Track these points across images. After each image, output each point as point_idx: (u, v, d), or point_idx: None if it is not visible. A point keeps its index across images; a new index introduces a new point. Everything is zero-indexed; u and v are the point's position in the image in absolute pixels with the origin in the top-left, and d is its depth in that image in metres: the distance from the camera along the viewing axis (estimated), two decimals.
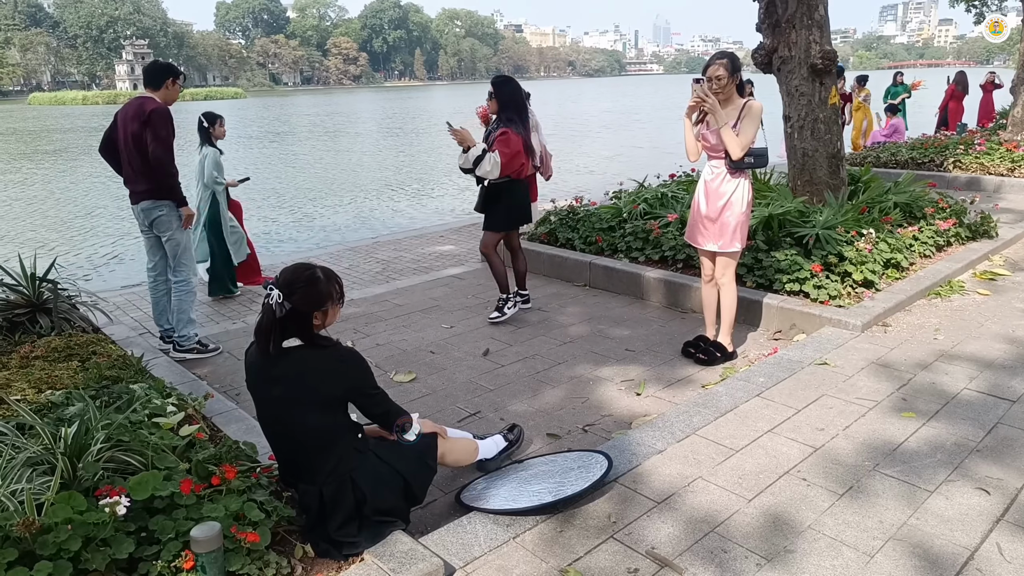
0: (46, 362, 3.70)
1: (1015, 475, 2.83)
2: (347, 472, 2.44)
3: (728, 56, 3.96)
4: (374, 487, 2.46)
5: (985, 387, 3.62)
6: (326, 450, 2.43)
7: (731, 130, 3.86)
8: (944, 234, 5.88)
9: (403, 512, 2.57)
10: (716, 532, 2.54)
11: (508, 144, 4.78)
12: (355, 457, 2.48)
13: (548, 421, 3.67)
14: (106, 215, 13.73)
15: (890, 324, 4.53)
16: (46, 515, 2.13)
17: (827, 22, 5.91)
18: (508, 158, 4.78)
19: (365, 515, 2.43)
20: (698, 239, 4.21)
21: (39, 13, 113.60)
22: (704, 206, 4.10)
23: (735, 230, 4.04)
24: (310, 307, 2.40)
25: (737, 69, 3.92)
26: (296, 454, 2.50)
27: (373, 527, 2.45)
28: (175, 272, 4.65)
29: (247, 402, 3.98)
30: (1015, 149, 9.84)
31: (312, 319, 2.42)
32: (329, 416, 2.44)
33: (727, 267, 4.15)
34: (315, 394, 2.39)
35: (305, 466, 2.46)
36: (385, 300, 5.85)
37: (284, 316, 2.34)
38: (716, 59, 3.97)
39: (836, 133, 6.03)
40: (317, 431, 2.42)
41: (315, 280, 2.42)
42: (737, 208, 4.01)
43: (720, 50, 4.22)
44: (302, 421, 2.41)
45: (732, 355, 4.30)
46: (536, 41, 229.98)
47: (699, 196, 4.15)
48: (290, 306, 2.34)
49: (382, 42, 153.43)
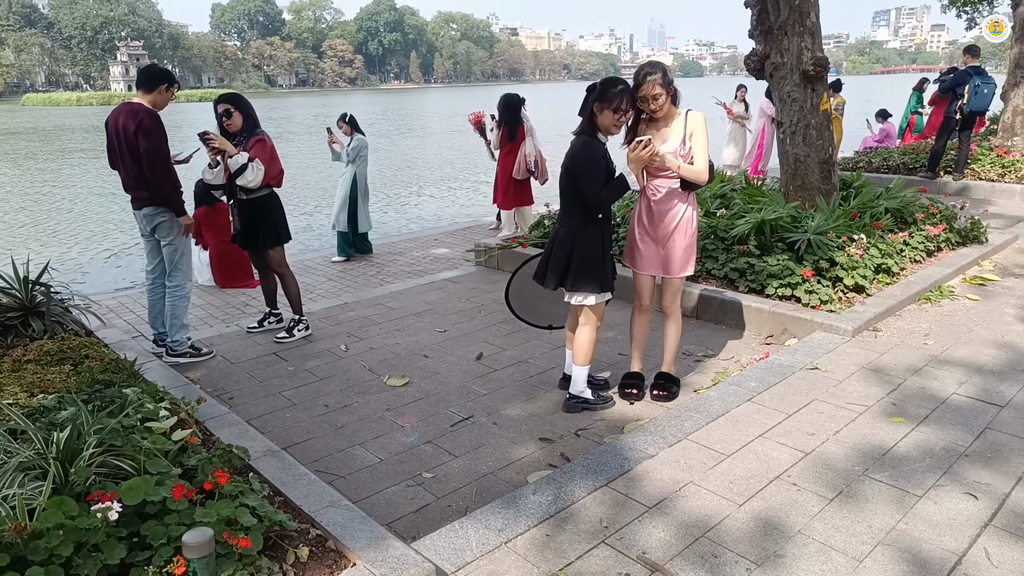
0: (38, 366, 3.69)
1: (1003, 480, 2.85)
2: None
3: (660, 68, 3.50)
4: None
5: (974, 392, 3.65)
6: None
7: (686, 165, 3.50)
8: (934, 239, 5.93)
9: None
10: (707, 537, 2.56)
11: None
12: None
13: (541, 425, 3.68)
14: (100, 217, 13.69)
15: (881, 329, 4.56)
16: (38, 520, 2.12)
17: (818, 29, 5.95)
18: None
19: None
20: (640, 263, 3.81)
21: (33, 14, 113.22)
22: (649, 228, 3.73)
23: (687, 252, 3.72)
24: None
25: (671, 81, 3.48)
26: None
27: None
28: (170, 277, 4.65)
29: (240, 406, 4.00)
30: (1005, 155, 9.91)
31: None
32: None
33: (677, 294, 3.81)
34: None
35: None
36: (379, 303, 5.85)
37: None
38: (647, 75, 3.44)
39: (828, 139, 6.06)
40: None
41: None
42: (688, 230, 3.69)
43: (649, 60, 3.71)
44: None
45: (679, 381, 4.00)
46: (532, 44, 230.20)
47: (642, 217, 3.75)
48: None
49: (378, 44, 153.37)
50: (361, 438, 3.62)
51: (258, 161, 4.72)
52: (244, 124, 4.84)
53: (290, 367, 4.59)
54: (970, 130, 9.67)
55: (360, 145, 7.50)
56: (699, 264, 5.37)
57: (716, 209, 6.04)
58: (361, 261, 7.49)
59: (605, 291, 3.63)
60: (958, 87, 9.27)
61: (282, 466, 3.09)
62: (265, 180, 4.81)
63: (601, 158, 3.44)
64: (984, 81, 9.24)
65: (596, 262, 3.56)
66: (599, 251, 3.56)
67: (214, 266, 6.61)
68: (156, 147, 4.34)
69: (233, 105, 4.82)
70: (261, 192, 4.89)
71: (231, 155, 4.69)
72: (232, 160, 4.69)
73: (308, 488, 2.90)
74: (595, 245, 3.55)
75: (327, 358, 4.72)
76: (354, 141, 7.48)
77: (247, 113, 4.85)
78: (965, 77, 9.25)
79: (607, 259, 3.62)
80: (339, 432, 3.69)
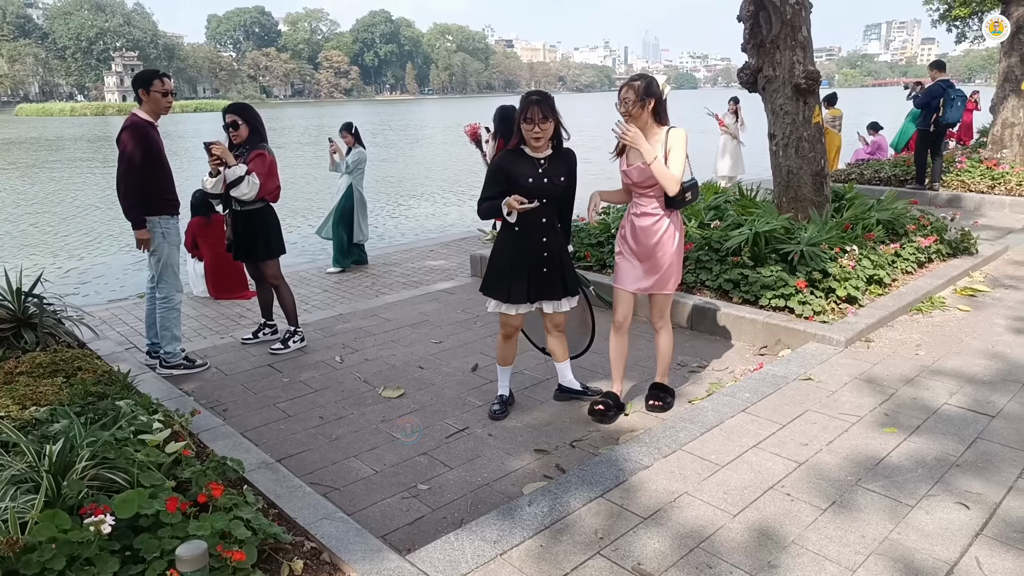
0: (31, 378, 3.68)
1: (995, 489, 2.87)
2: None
3: (642, 79, 3.56)
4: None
5: (966, 402, 3.67)
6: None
7: (661, 164, 3.46)
8: (925, 251, 5.97)
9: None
10: (701, 547, 2.56)
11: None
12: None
13: (536, 437, 3.68)
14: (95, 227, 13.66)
15: (873, 340, 4.59)
16: (30, 534, 2.12)
17: (810, 43, 6.02)
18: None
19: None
20: (620, 278, 3.80)
21: (28, 24, 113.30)
22: (633, 245, 3.72)
23: (671, 269, 3.70)
24: None
25: (651, 95, 3.49)
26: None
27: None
28: (158, 288, 4.63)
29: (234, 417, 3.99)
30: (995, 167, 10.00)
31: None
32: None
33: (664, 311, 3.82)
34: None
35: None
36: (374, 315, 5.85)
37: None
38: (631, 79, 3.58)
39: (820, 151, 6.12)
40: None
41: None
42: (671, 246, 3.66)
43: (638, 73, 3.78)
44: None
45: (674, 392, 4.01)
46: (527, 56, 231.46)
47: (625, 234, 3.76)
48: None
49: (373, 56, 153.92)
50: (356, 450, 3.61)
51: (254, 175, 4.74)
52: (250, 136, 4.87)
53: (285, 379, 4.58)
54: (942, 141, 9.94)
55: (360, 158, 7.55)
56: (693, 275, 5.41)
57: (710, 221, 6.07)
58: (356, 272, 7.49)
59: (501, 301, 3.65)
60: (934, 100, 9.47)
61: (276, 478, 3.09)
62: (260, 194, 4.83)
63: (498, 169, 3.51)
64: (957, 94, 9.54)
65: (501, 270, 3.63)
66: (508, 260, 3.60)
67: (209, 277, 6.61)
68: (126, 156, 4.36)
69: (240, 117, 4.86)
70: (256, 205, 4.91)
71: (230, 165, 4.71)
72: (230, 171, 4.72)
73: (303, 500, 2.90)
74: (506, 253, 3.61)
75: (322, 369, 4.71)
76: (355, 153, 7.53)
77: (254, 126, 4.88)
78: (939, 91, 9.45)
79: (520, 273, 3.58)
80: (334, 444, 3.69)
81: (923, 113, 9.70)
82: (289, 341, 5.08)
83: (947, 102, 9.38)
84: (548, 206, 3.53)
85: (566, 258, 3.70)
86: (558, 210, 3.61)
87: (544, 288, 3.64)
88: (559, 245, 3.65)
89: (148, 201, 4.47)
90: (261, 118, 4.98)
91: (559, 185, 3.52)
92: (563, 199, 3.62)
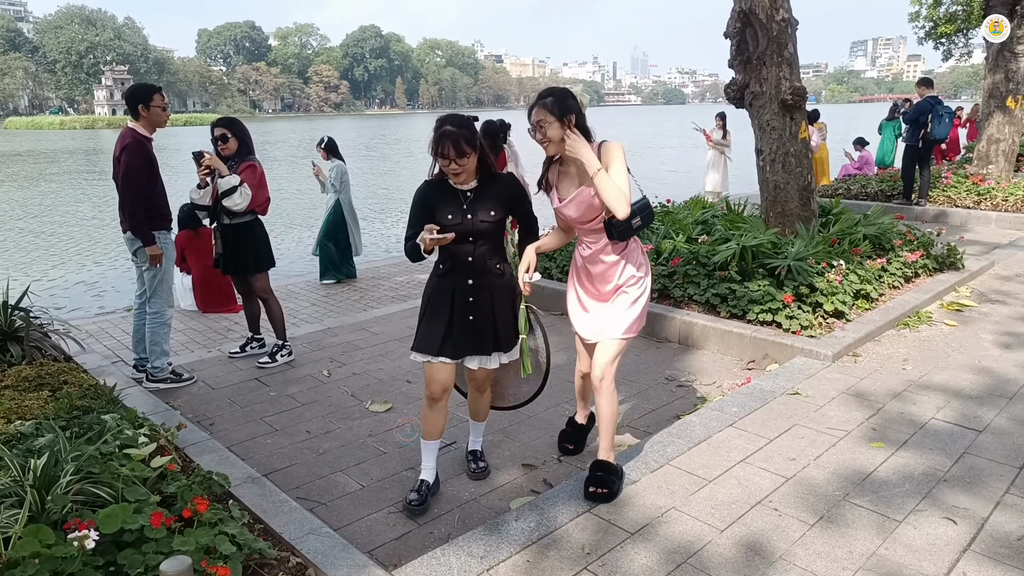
0: (16, 392, 3.64)
1: (982, 504, 2.88)
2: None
3: (552, 94, 2.86)
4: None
5: (953, 417, 3.70)
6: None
7: (608, 177, 2.77)
8: (912, 266, 6.03)
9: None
10: (689, 563, 2.56)
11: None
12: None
13: (523, 451, 3.67)
14: (83, 239, 13.58)
15: (860, 354, 4.61)
16: (13, 549, 2.09)
17: (796, 60, 6.09)
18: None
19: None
20: (575, 323, 3.22)
21: (18, 38, 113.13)
22: (587, 286, 3.12)
23: (627, 314, 3.02)
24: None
25: (569, 110, 2.82)
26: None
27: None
28: (150, 303, 4.61)
29: (221, 432, 3.96)
30: (981, 182, 10.13)
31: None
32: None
33: (611, 360, 3.00)
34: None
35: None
36: (363, 328, 5.84)
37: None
38: (537, 99, 2.87)
39: (807, 166, 6.18)
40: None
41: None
42: (635, 286, 3.04)
43: (547, 87, 2.99)
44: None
45: (622, 472, 3.12)
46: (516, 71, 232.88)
47: (579, 275, 3.15)
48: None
49: (363, 70, 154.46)
50: (343, 464, 3.59)
51: (247, 186, 4.74)
52: (238, 149, 4.88)
53: (272, 392, 4.56)
54: (929, 157, 10.08)
55: (339, 171, 7.56)
56: (681, 290, 5.43)
57: (698, 235, 6.11)
58: (345, 286, 7.48)
59: (419, 351, 3.07)
60: (922, 116, 9.61)
61: (263, 493, 3.07)
62: (251, 206, 4.83)
63: (418, 204, 3.05)
64: (945, 111, 9.70)
65: (423, 315, 3.10)
66: (429, 303, 3.09)
67: (196, 291, 6.58)
68: (130, 172, 4.36)
69: (229, 130, 4.86)
70: (245, 217, 4.90)
71: (223, 175, 4.71)
72: (223, 180, 4.71)
73: (289, 515, 2.88)
74: (431, 297, 3.10)
75: (309, 383, 4.69)
76: (333, 168, 7.54)
77: (242, 139, 4.89)
78: (928, 107, 9.60)
79: (440, 318, 3.02)
80: (321, 458, 3.66)
81: (911, 129, 9.84)
82: (277, 355, 5.06)
83: (935, 118, 9.53)
84: (475, 244, 2.98)
85: (502, 306, 3.07)
86: (493, 247, 3.04)
87: (469, 339, 3.04)
88: (492, 289, 3.04)
89: (150, 217, 4.49)
90: (249, 132, 4.99)
91: (488, 221, 2.95)
92: (510, 228, 3.15)
